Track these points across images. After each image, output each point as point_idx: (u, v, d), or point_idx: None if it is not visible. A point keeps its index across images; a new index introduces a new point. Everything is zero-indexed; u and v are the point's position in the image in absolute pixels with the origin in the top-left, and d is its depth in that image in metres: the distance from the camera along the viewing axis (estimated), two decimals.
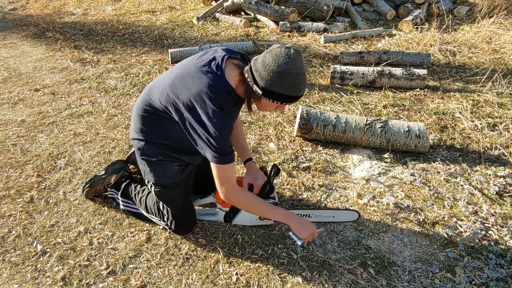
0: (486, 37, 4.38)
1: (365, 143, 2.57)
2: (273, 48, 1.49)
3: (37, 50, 4.80)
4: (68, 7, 6.80)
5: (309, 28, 4.98)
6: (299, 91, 1.50)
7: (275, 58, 1.45)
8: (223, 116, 1.52)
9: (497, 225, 1.97)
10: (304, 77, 1.50)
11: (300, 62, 1.48)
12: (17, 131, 2.96)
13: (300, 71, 1.47)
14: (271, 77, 1.45)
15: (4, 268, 1.81)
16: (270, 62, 1.46)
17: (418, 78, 3.35)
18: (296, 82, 1.47)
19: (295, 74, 1.45)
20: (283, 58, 1.45)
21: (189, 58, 1.72)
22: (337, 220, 2.00)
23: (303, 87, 1.51)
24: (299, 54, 1.48)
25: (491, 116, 2.91)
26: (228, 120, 1.56)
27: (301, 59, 1.49)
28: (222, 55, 1.61)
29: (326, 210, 2.02)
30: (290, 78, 1.45)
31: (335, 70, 3.51)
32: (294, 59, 1.45)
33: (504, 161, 2.45)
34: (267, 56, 1.48)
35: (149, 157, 1.79)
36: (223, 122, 1.53)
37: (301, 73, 1.47)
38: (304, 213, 1.94)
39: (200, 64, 1.60)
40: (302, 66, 1.48)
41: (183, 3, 6.71)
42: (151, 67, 4.09)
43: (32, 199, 2.25)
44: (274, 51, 1.47)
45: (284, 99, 1.51)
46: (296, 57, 1.46)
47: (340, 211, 1.98)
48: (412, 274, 1.73)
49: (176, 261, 1.82)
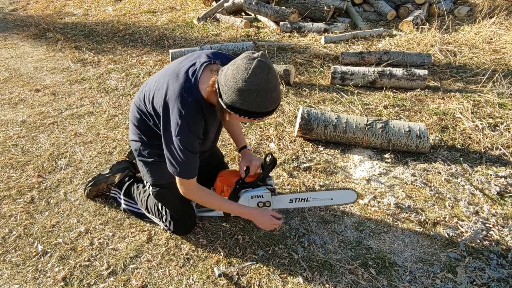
0: (486, 38, 4.38)
1: (365, 144, 2.57)
2: (237, 60, 1.37)
3: (38, 50, 4.81)
4: (68, 8, 6.81)
5: (309, 29, 4.98)
6: (264, 108, 1.39)
7: (235, 73, 1.34)
8: (185, 131, 1.48)
9: (498, 226, 1.96)
10: (270, 92, 1.36)
11: (264, 77, 1.33)
12: (18, 132, 2.96)
13: (262, 87, 1.33)
14: (231, 93, 1.36)
15: (5, 269, 1.81)
16: (230, 77, 1.35)
17: (418, 78, 3.35)
18: (258, 99, 1.35)
19: (255, 91, 1.33)
20: (241, 73, 1.33)
21: (177, 60, 1.70)
22: (336, 203, 1.98)
23: (269, 103, 1.38)
24: (263, 67, 1.33)
25: (492, 116, 2.91)
26: (189, 133, 1.50)
27: (267, 72, 1.33)
28: (202, 61, 1.56)
29: (324, 192, 2.01)
30: (250, 95, 1.34)
31: (336, 71, 3.51)
32: (254, 74, 1.32)
33: (505, 161, 2.45)
34: (229, 69, 1.37)
35: (145, 158, 1.81)
36: (186, 138, 1.49)
37: (263, 90, 1.34)
38: (302, 196, 1.93)
39: (178, 68, 1.57)
40: (267, 81, 1.34)
41: (183, 4, 6.72)
42: (152, 67, 4.10)
43: (33, 200, 2.25)
44: (236, 64, 1.36)
45: (250, 115, 1.40)
46: (258, 71, 1.32)
47: (337, 192, 1.97)
48: (413, 274, 1.73)
49: (177, 262, 1.82)
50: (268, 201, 1.87)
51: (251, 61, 1.33)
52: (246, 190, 1.86)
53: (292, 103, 3.21)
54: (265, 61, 1.34)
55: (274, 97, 1.39)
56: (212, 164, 2.06)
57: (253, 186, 1.86)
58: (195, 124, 1.50)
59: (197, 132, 1.53)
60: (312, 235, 1.95)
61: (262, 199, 1.86)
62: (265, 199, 1.86)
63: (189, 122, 1.48)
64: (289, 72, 3.47)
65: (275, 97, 1.39)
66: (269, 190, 1.85)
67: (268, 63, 1.35)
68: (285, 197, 1.93)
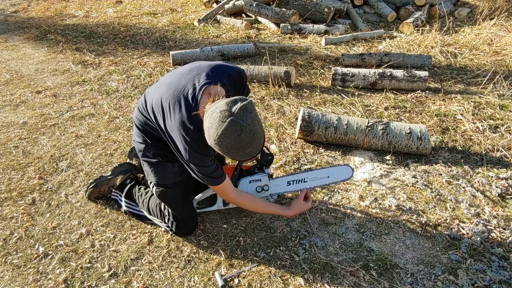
0: (487, 39, 4.38)
1: (366, 145, 2.57)
2: (215, 110, 1.35)
3: (39, 52, 4.82)
4: (69, 10, 6.82)
5: (310, 30, 4.98)
6: (239, 158, 1.44)
7: (209, 126, 1.36)
8: (195, 155, 1.54)
9: (499, 227, 1.96)
10: (242, 149, 1.36)
11: (234, 138, 1.32)
12: (19, 133, 2.96)
13: (233, 147, 1.35)
14: (209, 141, 1.40)
15: (6, 270, 1.81)
16: (206, 128, 1.38)
17: (419, 80, 3.35)
18: (230, 153, 1.39)
19: (226, 149, 1.36)
20: (213, 131, 1.34)
21: (176, 74, 1.69)
22: (333, 180, 2.02)
23: (242, 157, 1.42)
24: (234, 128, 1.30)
25: (493, 118, 2.91)
26: (199, 156, 1.55)
27: (238, 133, 1.32)
28: (202, 83, 1.56)
29: (319, 170, 2.04)
30: (222, 150, 1.38)
31: (336, 72, 3.51)
32: (223, 136, 1.32)
33: (506, 163, 2.45)
34: (207, 118, 1.37)
35: (149, 158, 1.82)
36: (195, 158, 1.55)
37: (234, 149, 1.35)
38: (299, 177, 1.98)
39: (178, 90, 1.58)
40: (238, 141, 1.33)
41: (184, 6, 6.73)
42: (153, 69, 4.10)
43: (34, 201, 2.25)
44: (212, 117, 1.35)
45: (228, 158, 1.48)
46: (227, 133, 1.31)
47: (333, 169, 2.01)
48: (415, 276, 1.73)
49: (178, 264, 1.82)
50: (266, 184, 1.93)
51: (224, 119, 1.31)
52: (244, 177, 1.92)
53: (293, 105, 3.21)
54: (240, 119, 1.31)
55: (248, 152, 1.40)
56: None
57: (250, 173, 1.93)
58: (201, 148, 1.54)
59: (206, 153, 1.57)
60: (313, 237, 1.95)
61: (260, 183, 1.92)
62: (263, 183, 1.92)
63: (195, 147, 1.53)
64: (289, 73, 3.47)
65: (250, 152, 1.40)
66: (266, 174, 1.91)
67: (241, 123, 1.31)
68: (282, 180, 1.98)
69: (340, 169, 2.00)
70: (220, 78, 1.60)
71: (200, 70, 1.62)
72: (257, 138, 1.40)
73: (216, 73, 1.62)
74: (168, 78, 1.71)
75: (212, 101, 1.45)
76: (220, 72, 1.64)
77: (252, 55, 4.30)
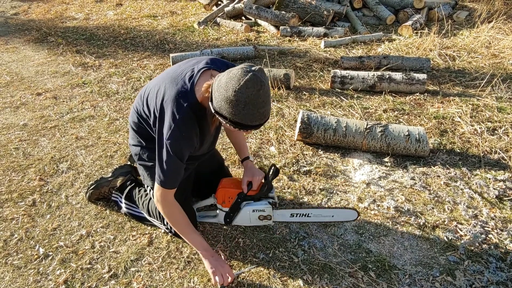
0: (485, 42, 4.41)
1: (365, 147, 2.59)
2: (233, 69, 1.37)
3: (39, 54, 4.83)
4: (70, 12, 6.85)
5: (309, 33, 5.01)
6: (249, 121, 1.37)
7: (227, 81, 1.33)
8: (177, 135, 1.49)
9: (497, 229, 1.98)
10: (258, 107, 1.35)
11: (254, 91, 1.32)
12: (19, 135, 2.97)
13: (250, 100, 1.32)
14: (220, 100, 1.36)
15: (7, 271, 1.82)
16: (222, 84, 1.35)
17: (418, 82, 3.37)
18: (244, 112, 1.34)
19: (243, 103, 1.32)
20: (233, 83, 1.32)
21: (177, 64, 1.72)
22: (337, 220, 2.00)
23: (255, 118, 1.37)
24: (256, 81, 1.31)
25: (491, 120, 2.93)
26: (181, 140, 1.51)
27: (259, 87, 1.32)
28: (201, 67, 1.57)
29: (325, 209, 2.03)
30: (237, 106, 1.33)
31: (336, 75, 3.53)
32: (245, 87, 1.30)
33: (503, 165, 2.47)
34: (224, 76, 1.37)
35: (145, 162, 1.83)
36: (176, 142, 1.50)
37: (251, 103, 1.33)
38: (303, 212, 1.95)
39: (177, 73, 1.60)
40: (257, 96, 1.33)
41: (184, 8, 6.76)
42: (153, 71, 4.12)
43: (34, 203, 2.26)
44: (231, 72, 1.35)
45: (235, 125, 1.40)
46: (250, 84, 1.30)
47: (338, 210, 1.99)
48: (413, 277, 1.74)
49: (178, 265, 1.83)
50: (269, 215, 1.89)
51: (246, 73, 1.32)
52: (248, 203, 1.88)
53: (292, 107, 3.23)
54: (260, 76, 1.33)
55: (261, 113, 1.37)
56: (212, 169, 2.07)
57: (255, 200, 1.87)
58: (187, 129, 1.51)
59: (189, 138, 1.53)
60: (312, 238, 1.96)
61: (263, 213, 1.88)
62: (266, 213, 1.88)
63: (182, 126, 1.49)
64: (289, 76, 3.49)
65: (263, 113, 1.38)
66: (270, 205, 1.87)
67: (262, 79, 1.33)
68: (286, 212, 1.95)
69: (346, 212, 1.97)
70: (219, 66, 1.62)
71: (200, 59, 1.66)
72: (269, 102, 1.40)
73: (215, 62, 1.65)
74: (166, 70, 1.74)
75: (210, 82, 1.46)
76: (219, 62, 1.67)
77: (252, 57, 4.32)
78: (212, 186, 1.95)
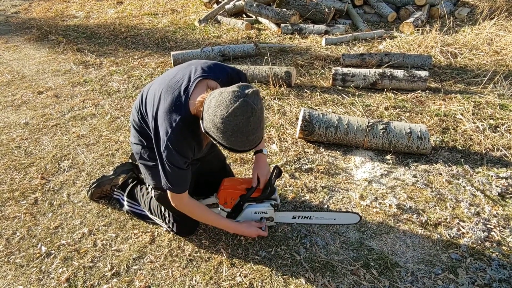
0: (487, 39, 4.39)
1: (367, 145, 2.58)
2: (225, 90, 1.31)
3: (40, 53, 4.83)
4: (70, 10, 6.84)
5: (310, 30, 4.99)
6: (237, 147, 1.35)
7: (217, 105, 1.29)
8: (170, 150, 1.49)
9: (499, 226, 1.97)
10: (246, 135, 1.31)
11: (244, 119, 1.27)
12: (21, 134, 2.98)
13: (238, 129, 1.28)
14: (209, 123, 1.33)
15: (9, 270, 1.82)
16: (212, 107, 1.31)
17: (419, 80, 3.36)
18: (232, 139, 1.31)
19: (230, 131, 1.29)
20: (222, 109, 1.27)
21: (176, 68, 1.69)
22: (339, 223, 2.00)
23: (243, 145, 1.34)
24: (246, 109, 1.26)
25: (493, 117, 2.92)
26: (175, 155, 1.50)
27: (248, 115, 1.27)
28: (197, 75, 1.54)
29: (328, 212, 2.03)
30: (225, 133, 1.30)
31: (337, 72, 3.52)
32: (233, 115, 1.26)
33: (506, 162, 2.46)
34: (215, 97, 1.32)
35: (146, 161, 1.82)
36: (171, 156, 1.51)
37: (239, 132, 1.29)
38: (305, 214, 1.95)
39: (173, 81, 1.57)
40: (246, 124, 1.28)
41: (185, 6, 6.75)
42: (154, 69, 4.12)
43: (36, 201, 2.26)
44: (222, 95, 1.29)
45: (223, 147, 1.38)
46: (238, 112, 1.26)
47: (341, 213, 1.99)
48: (415, 275, 1.74)
49: (180, 263, 1.83)
50: (272, 217, 1.90)
51: (237, 98, 1.27)
52: (250, 204, 1.88)
53: (294, 105, 3.22)
54: (252, 102, 1.28)
55: (250, 140, 1.34)
56: (214, 168, 2.07)
57: (257, 201, 1.87)
58: (180, 146, 1.50)
59: (182, 153, 1.53)
60: (314, 236, 1.96)
61: (265, 215, 1.89)
62: (268, 215, 1.89)
63: (174, 143, 1.49)
64: (290, 74, 3.48)
65: (252, 140, 1.34)
66: (272, 207, 1.87)
67: (253, 105, 1.28)
68: (288, 214, 1.96)
69: (348, 215, 1.97)
70: (217, 74, 1.60)
71: (197, 65, 1.62)
72: (261, 127, 1.36)
73: (213, 69, 1.61)
74: (165, 73, 1.72)
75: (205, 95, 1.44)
76: (218, 68, 1.64)
77: (253, 55, 4.31)
78: (214, 184, 1.95)
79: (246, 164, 2.52)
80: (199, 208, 1.78)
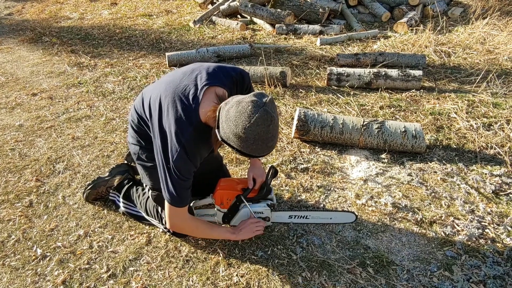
0: (480, 38, 4.43)
1: (362, 144, 2.59)
2: (243, 100, 1.34)
3: (34, 54, 4.81)
4: (64, 12, 6.81)
5: (305, 31, 5.01)
6: (257, 153, 1.38)
7: (237, 116, 1.32)
8: (183, 158, 1.49)
9: (493, 224, 1.99)
10: (266, 142, 1.35)
11: (264, 128, 1.31)
12: (15, 136, 2.96)
13: (260, 137, 1.32)
14: (229, 132, 1.36)
15: (4, 273, 1.81)
16: (232, 117, 1.33)
17: (413, 79, 3.39)
18: (253, 147, 1.35)
19: (252, 139, 1.33)
20: (243, 119, 1.31)
21: (178, 73, 1.67)
22: (335, 222, 2.01)
23: (262, 151, 1.38)
24: (267, 118, 1.31)
25: (486, 116, 2.95)
26: (187, 160, 1.51)
27: (269, 123, 1.32)
28: (204, 82, 1.54)
29: (324, 211, 2.04)
30: (246, 142, 1.33)
31: (332, 72, 3.53)
32: (256, 124, 1.30)
33: (499, 160, 2.48)
34: (233, 106, 1.34)
35: (144, 162, 1.82)
36: (183, 165, 1.51)
37: (260, 139, 1.33)
38: (302, 214, 1.95)
39: (179, 89, 1.56)
40: (267, 132, 1.33)
41: (179, 7, 6.74)
42: (149, 70, 4.11)
43: (31, 204, 2.25)
44: (241, 105, 1.32)
45: (240, 154, 1.40)
46: (260, 122, 1.30)
47: (337, 213, 1.99)
48: (411, 273, 1.75)
49: (177, 263, 1.83)
50: (268, 217, 1.89)
51: (257, 108, 1.31)
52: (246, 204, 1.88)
53: (289, 105, 3.23)
54: (271, 110, 1.33)
55: (269, 147, 1.38)
56: (211, 168, 2.07)
57: (253, 201, 1.87)
58: (193, 153, 1.51)
59: (194, 161, 1.54)
60: (311, 235, 1.97)
61: (262, 215, 1.89)
62: (264, 215, 1.89)
63: (188, 150, 1.49)
64: (285, 74, 3.49)
65: (270, 146, 1.39)
66: (269, 207, 1.87)
67: (272, 114, 1.33)
68: (284, 214, 1.95)
69: (344, 214, 1.97)
70: (222, 80, 1.60)
71: (202, 71, 1.61)
72: (278, 132, 1.41)
73: (218, 74, 1.61)
74: (169, 77, 1.69)
75: (219, 101, 1.46)
76: (223, 73, 1.63)
77: (248, 56, 4.32)
78: (210, 185, 1.95)
79: (242, 164, 2.52)
80: (202, 224, 1.79)
